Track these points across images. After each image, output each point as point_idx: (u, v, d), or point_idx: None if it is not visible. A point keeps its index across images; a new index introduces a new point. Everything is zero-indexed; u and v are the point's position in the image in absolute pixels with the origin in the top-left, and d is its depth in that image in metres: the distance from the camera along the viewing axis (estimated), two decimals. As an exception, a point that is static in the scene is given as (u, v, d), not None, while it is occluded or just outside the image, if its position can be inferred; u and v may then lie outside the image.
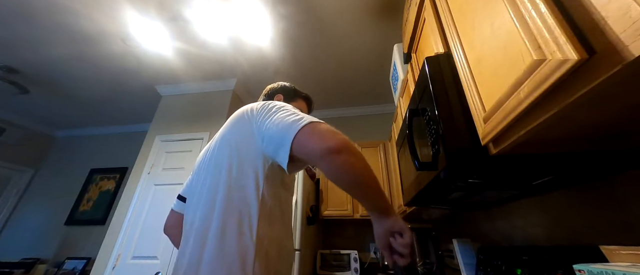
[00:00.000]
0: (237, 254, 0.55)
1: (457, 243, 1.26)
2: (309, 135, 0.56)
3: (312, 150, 0.55)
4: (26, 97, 2.89)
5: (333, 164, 0.53)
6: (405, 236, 0.56)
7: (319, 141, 0.54)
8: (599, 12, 0.31)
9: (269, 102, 0.69)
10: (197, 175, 0.74)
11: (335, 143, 0.53)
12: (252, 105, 0.72)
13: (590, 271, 0.44)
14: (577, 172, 0.66)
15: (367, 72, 2.53)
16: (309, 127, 0.57)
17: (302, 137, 0.56)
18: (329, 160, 0.53)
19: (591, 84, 0.32)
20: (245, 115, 0.70)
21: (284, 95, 0.97)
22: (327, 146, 0.53)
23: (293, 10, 1.86)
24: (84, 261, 2.76)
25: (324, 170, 0.55)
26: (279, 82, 1.01)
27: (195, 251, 0.59)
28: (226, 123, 0.76)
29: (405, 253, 0.55)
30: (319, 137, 0.55)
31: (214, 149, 0.73)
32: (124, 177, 3.26)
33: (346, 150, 0.54)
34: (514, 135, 0.47)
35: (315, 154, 0.54)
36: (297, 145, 0.56)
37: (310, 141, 0.55)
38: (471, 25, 0.63)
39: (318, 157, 0.54)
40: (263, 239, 0.58)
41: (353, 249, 2.26)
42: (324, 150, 0.53)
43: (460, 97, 0.67)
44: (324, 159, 0.53)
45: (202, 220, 0.62)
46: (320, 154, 0.53)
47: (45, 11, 1.86)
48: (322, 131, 0.56)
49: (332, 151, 0.53)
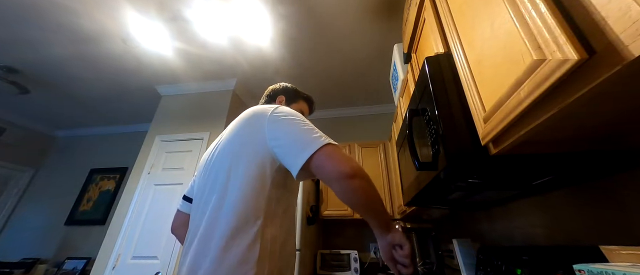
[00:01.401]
0: (242, 255, 0.56)
1: (457, 243, 1.26)
2: (327, 157, 0.59)
3: (329, 172, 0.58)
4: (26, 97, 2.89)
5: (347, 188, 0.58)
6: (405, 248, 0.61)
7: (337, 165, 0.58)
8: (599, 12, 0.31)
9: (280, 109, 0.70)
10: (203, 177, 0.74)
11: (349, 169, 0.57)
12: (260, 109, 0.72)
13: (590, 271, 0.44)
14: (577, 172, 0.66)
15: (367, 72, 2.53)
16: (328, 149, 0.60)
17: (320, 157, 0.59)
18: (344, 185, 0.58)
19: (591, 84, 0.32)
20: (254, 119, 0.71)
21: (286, 97, 0.97)
22: (343, 171, 0.57)
23: (293, 10, 1.86)
24: (84, 261, 2.76)
25: (336, 190, 0.59)
26: (280, 83, 1.02)
27: (200, 252, 0.60)
28: (232, 125, 0.76)
29: (407, 263, 0.60)
30: (337, 161, 0.59)
31: (220, 151, 0.73)
32: (124, 177, 3.26)
33: (359, 176, 0.58)
34: (514, 135, 0.47)
35: (330, 176, 0.58)
36: (315, 165, 0.59)
37: (328, 163, 0.59)
38: (471, 25, 0.63)
39: (333, 179, 0.58)
40: (268, 240, 0.60)
41: (353, 249, 2.25)
42: (341, 174, 0.57)
43: (460, 97, 0.67)
44: (339, 182, 0.58)
45: (207, 222, 0.63)
46: (337, 177, 0.58)
47: (45, 11, 1.86)
48: (339, 156, 0.60)
49: (347, 176, 0.57)
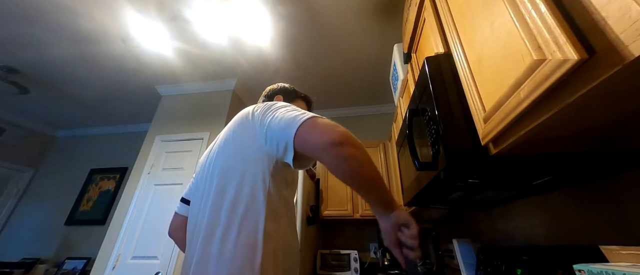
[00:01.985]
0: (245, 254, 0.56)
1: (457, 243, 1.26)
2: (310, 129, 0.56)
3: (315, 144, 0.55)
4: (26, 97, 2.89)
5: (335, 156, 0.54)
6: (412, 227, 0.56)
7: (321, 135, 0.55)
8: (599, 12, 0.31)
9: (269, 103, 0.70)
10: (201, 179, 0.74)
11: (336, 136, 0.54)
12: (253, 107, 0.73)
13: (590, 271, 0.44)
14: (577, 172, 0.66)
15: (367, 72, 2.53)
16: (310, 122, 0.57)
17: (303, 131, 0.56)
18: (331, 153, 0.54)
19: (591, 84, 0.32)
20: (247, 118, 0.71)
21: (284, 96, 0.98)
22: (329, 139, 0.54)
23: (293, 10, 1.86)
24: (84, 261, 2.76)
25: (327, 163, 0.55)
26: (278, 83, 1.02)
27: (202, 253, 0.59)
28: (228, 126, 0.76)
29: (414, 245, 0.55)
30: (321, 130, 0.56)
31: (217, 152, 0.73)
32: (124, 177, 3.26)
33: (348, 142, 0.54)
34: (514, 135, 0.47)
35: (317, 147, 0.55)
36: (300, 141, 0.57)
37: (312, 135, 0.56)
38: (471, 25, 0.63)
39: (320, 150, 0.55)
40: (270, 238, 0.59)
41: (353, 249, 2.25)
42: (326, 143, 0.54)
43: (460, 97, 0.67)
44: (325, 151, 0.54)
45: (208, 223, 0.62)
46: (322, 146, 0.54)
47: (46, 11, 1.86)
48: (322, 125, 0.57)
49: (334, 144, 0.53)
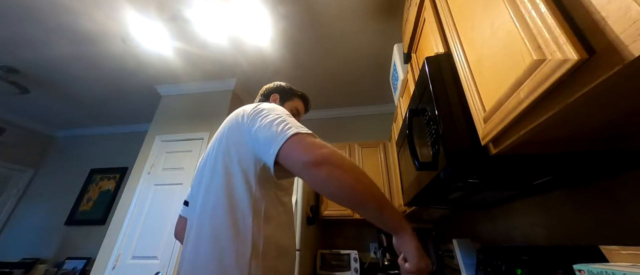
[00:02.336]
0: (233, 255, 0.56)
1: (457, 243, 1.26)
2: (293, 146, 0.55)
3: (294, 162, 0.54)
4: (26, 97, 2.89)
5: (312, 176, 0.52)
6: (409, 262, 0.51)
7: (302, 153, 0.53)
8: (599, 12, 0.31)
9: (260, 106, 0.69)
10: (197, 180, 0.75)
11: (315, 156, 0.52)
12: (244, 108, 0.72)
13: (590, 271, 0.44)
14: (577, 172, 0.66)
15: (367, 72, 2.53)
16: (295, 139, 0.55)
17: (286, 148, 0.55)
18: (309, 173, 0.52)
19: (591, 84, 0.32)
20: (237, 119, 0.71)
21: (280, 95, 0.96)
22: (308, 159, 0.52)
23: (293, 10, 1.86)
24: (84, 261, 2.76)
25: (306, 181, 0.54)
26: (275, 82, 1.01)
27: (192, 254, 0.60)
28: (221, 126, 0.77)
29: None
30: (302, 149, 0.54)
31: (210, 153, 0.74)
32: (124, 177, 3.26)
33: (328, 163, 0.51)
34: (514, 135, 0.47)
35: (296, 165, 0.54)
36: (283, 155, 0.55)
37: (294, 153, 0.54)
38: (471, 25, 0.63)
39: (299, 168, 0.53)
40: (259, 239, 0.59)
41: (353, 249, 2.25)
42: (305, 162, 0.52)
43: (460, 97, 0.67)
44: (304, 172, 0.53)
45: (198, 223, 0.63)
46: (302, 165, 0.53)
47: (45, 11, 1.86)
48: (305, 143, 0.54)
49: (312, 164, 0.51)
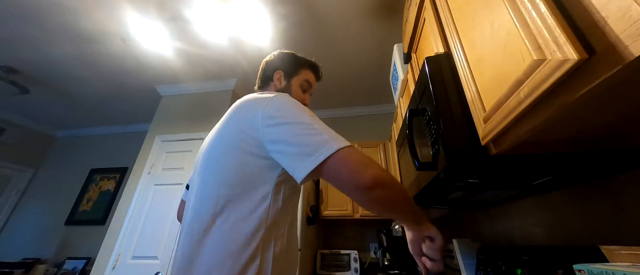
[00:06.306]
0: (239, 253, 0.54)
1: (457, 243, 1.26)
2: (341, 165, 0.53)
3: (344, 183, 0.54)
4: (26, 97, 2.89)
5: (366, 200, 0.54)
6: (436, 241, 0.57)
7: (354, 176, 0.53)
8: (599, 12, 0.31)
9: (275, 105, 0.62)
10: (198, 171, 0.71)
11: (370, 180, 0.52)
12: (251, 104, 0.65)
13: (590, 271, 0.44)
14: (577, 172, 0.66)
15: (367, 72, 2.53)
16: (342, 154, 0.53)
17: (332, 164, 0.53)
18: (363, 197, 0.53)
19: (591, 84, 0.32)
20: (243, 113, 0.65)
21: (285, 72, 0.87)
22: (361, 183, 0.52)
23: (293, 10, 1.86)
24: (84, 261, 2.76)
25: (357, 201, 0.56)
26: (274, 52, 0.90)
27: (190, 248, 0.58)
28: (226, 116, 0.71)
29: (436, 257, 0.56)
30: (353, 169, 0.53)
31: (213, 144, 0.69)
32: (124, 177, 3.26)
33: (380, 185, 0.52)
34: (514, 135, 0.47)
35: (345, 186, 0.54)
36: (326, 171, 0.54)
37: (342, 173, 0.53)
38: (471, 25, 0.63)
39: (349, 190, 0.54)
40: (267, 239, 0.58)
41: (353, 249, 2.26)
42: (358, 186, 0.52)
43: (460, 97, 0.67)
44: (357, 195, 0.54)
45: (201, 217, 0.60)
46: (354, 188, 0.53)
47: (45, 11, 1.86)
48: (355, 162, 0.53)
49: (366, 188, 0.52)
